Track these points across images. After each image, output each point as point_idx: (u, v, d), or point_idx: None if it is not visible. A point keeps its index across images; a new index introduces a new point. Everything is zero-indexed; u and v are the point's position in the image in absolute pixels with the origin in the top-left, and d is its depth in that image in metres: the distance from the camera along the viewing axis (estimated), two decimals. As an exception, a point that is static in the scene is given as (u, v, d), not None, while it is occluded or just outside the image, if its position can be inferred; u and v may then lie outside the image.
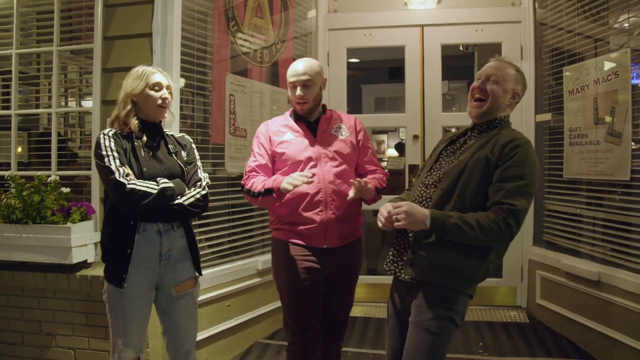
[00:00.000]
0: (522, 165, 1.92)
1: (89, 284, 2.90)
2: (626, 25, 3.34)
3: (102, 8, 3.05)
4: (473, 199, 1.94)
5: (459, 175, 1.97)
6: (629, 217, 3.15)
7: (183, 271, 2.34)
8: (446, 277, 1.94)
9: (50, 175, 3.06)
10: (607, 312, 3.22)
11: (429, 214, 1.89)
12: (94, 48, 3.07)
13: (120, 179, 2.10)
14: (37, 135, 3.73)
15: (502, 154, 1.93)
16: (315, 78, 2.47)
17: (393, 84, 8.10)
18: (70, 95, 3.81)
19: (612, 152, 3.26)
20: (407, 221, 1.88)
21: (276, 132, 2.51)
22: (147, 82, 2.29)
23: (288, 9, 4.07)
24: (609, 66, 3.30)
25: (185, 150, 2.43)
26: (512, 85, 2.06)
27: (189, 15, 3.22)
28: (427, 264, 1.94)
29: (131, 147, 2.24)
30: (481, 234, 1.85)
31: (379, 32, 4.45)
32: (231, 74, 3.50)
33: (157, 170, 2.25)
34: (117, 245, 2.20)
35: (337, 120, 2.59)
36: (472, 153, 2.00)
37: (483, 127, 2.10)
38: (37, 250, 2.89)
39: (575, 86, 3.62)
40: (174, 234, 2.30)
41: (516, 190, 1.88)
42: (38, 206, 2.89)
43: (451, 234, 1.87)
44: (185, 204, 2.22)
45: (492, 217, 1.87)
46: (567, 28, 3.77)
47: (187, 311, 2.37)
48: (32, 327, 3.06)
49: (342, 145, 2.51)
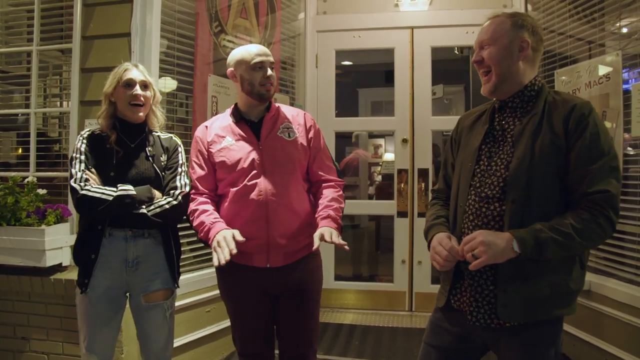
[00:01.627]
0: (598, 138, 1.55)
1: (63, 288, 2.84)
2: (618, 28, 3.26)
3: (81, 7, 3.01)
4: (554, 200, 1.60)
5: (529, 178, 1.60)
6: (621, 225, 3.06)
7: (155, 280, 2.19)
8: (551, 306, 1.60)
9: (27, 176, 3.02)
10: (597, 322, 3.13)
11: (513, 237, 1.53)
12: (73, 48, 3.03)
13: (74, 184, 2.04)
14: (21, 135, 3.68)
15: (569, 131, 1.57)
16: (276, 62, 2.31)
17: (389, 87, 8.05)
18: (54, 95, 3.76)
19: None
20: (489, 254, 1.52)
21: (214, 138, 2.22)
22: (119, 80, 2.19)
23: (275, 11, 4.02)
24: (601, 69, 3.23)
25: (167, 154, 2.28)
26: (510, 36, 1.67)
27: (170, 15, 3.16)
28: (526, 298, 1.59)
29: (106, 149, 2.16)
30: (582, 241, 1.53)
31: (368, 34, 4.39)
32: (214, 75, 3.44)
33: (127, 175, 2.14)
34: (83, 249, 2.14)
35: (284, 119, 2.25)
36: (530, 143, 1.62)
37: (516, 103, 1.72)
38: (11, 253, 2.84)
39: (567, 89, 3.54)
40: (144, 242, 2.16)
41: (603, 171, 1.54)
42: (12, 207, 2.83)
43: (548, 251, 1.52)
44: (149, 214, 2.09)
45: (587, 215, 1.53)
46: (559, 31, 3.70)
47: (156, 324, 2.22)
48: (6, 331, 3.00)
49: (289, 148, 2.19)
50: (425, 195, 4.27)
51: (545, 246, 1.51)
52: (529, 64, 1.70)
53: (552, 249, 1.52)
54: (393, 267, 4.37)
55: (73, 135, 3.01)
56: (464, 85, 7.50)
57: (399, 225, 4.31)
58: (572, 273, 1.61)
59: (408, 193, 4.26)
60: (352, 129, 5.17)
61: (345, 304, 4.37)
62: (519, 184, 1.60)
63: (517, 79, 1.69)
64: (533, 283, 1.59)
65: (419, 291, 4.32)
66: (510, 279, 1.60)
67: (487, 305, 1.66)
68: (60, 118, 3.69)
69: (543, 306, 1.60)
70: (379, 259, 5.80)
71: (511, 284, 1.60)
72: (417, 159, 4.29)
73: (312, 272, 2.27)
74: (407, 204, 4.28)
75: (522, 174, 1.60)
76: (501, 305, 1.61)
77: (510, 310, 1.60)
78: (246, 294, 2.21)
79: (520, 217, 1.59)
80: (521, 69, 1.69)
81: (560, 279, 1.60)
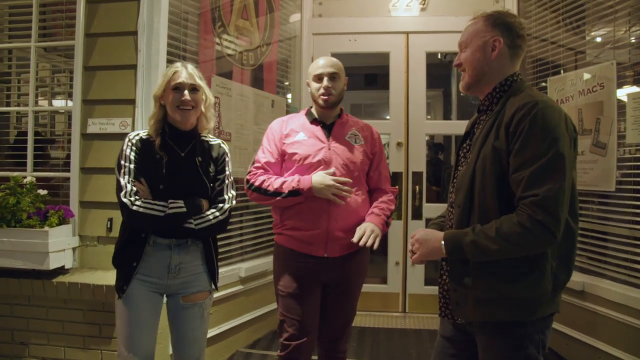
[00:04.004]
0: (534, 138, 1.49)
1: (66, 291, 2.77)
2: (609, 37, 3.39)
3: (84, 3, 2.94)
4: (497, 206, 1.56)
5: (470, 184, 1.61)
6: (615, 227, 3.18)
7: (194, 283, 2.18)
8: (501, 310, 1.57)
9: (26, 176, 2.93)
10: (591, 322, 3.24)
11: (444, 238, 1.59)
12: (75, 45, 2.95)
13: (124, 199, 2.00)
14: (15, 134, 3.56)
15: (510, 134, 1.53)
16: (341, 73, 2.47)
17: (370, 90, 8.10)
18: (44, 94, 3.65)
19: (597, 163, 3.29)
20: (421, 251, 1.63)
21: (290, 130, 2.45)
22: (168, 82, 2.09)
23: (274, 11, 4.01)
24: (594, 78, 3.34)
25: (216, 164, 2.21)
26: (482, 38, 1.67)
27: (175, 14, 3.13)
28: (473, 300, 1.60)
29: (156, 157, 2.09)
30: (508, 245, 1.49)
31: (364, 37, 4.43)
32: (216, 76, 3.41)
33: (177, 188, 2.08)
34: (125, 255, 2.11)
35: (352, 127, 2.51)
36: (478, 148, 1.63)
37: (486, 105, 1.73)
38: (12, 255, 2.76)
39: (560, 97, 3.66)
40: (188, 248, 2.15)
41: (536, 173, 1.47)
42: (13, 209, 2.75)
43: (470, 254, 1.54)
44: (197, 229, 2.08)
45: (516, 219, 1.48)
46: (552, 39, 3.81)
47: (194, 323, 2.20)
48: (4, 336, 2.92)
49: (355, 153, 2.43)
50: (419, 198, 4.33)
51: (466, 249, 1.54)
52: (505, 61, 1.68)
53: (472, 252, 1.53)
54: (387, 269, 4.41)
55: (76, 134, 2.94)
56: (443, 89, 7.65)
57: (392, 228, 4.32)
58: (526, 279, 1.55)
59: (402, 196, 4.31)
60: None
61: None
62: (463, 190, 1.63)
63: (492, 78, 1.69)
64: (478, 285, 1.59)
65: (412, 292, 4.38)
66: (459, 279, 1.64)
67: (448, 302, 1.75)
68: (51, 117, 3.60)
69: (490, 309, 1.59)
70: (370, 260, 5.82)
71: (460, 284, 1.64)
72: (411, 162, 4.35)
73: (361, 265, 2.50)
74: (401, 206, 4.33)
75: (465, 180, 1.63)
76: (454, 303, 1.68)
77: (462, 309, 1.66)
78: (302, 280, 2.38)
79: (466, 222, 1.61)
80: (495, 68, 1.68)
81: (506, 285, 1.56)
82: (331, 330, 2.51)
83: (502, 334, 1.60)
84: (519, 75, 1.71)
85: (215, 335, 3.35)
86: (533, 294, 1.56)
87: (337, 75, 2.44)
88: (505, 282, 1.56)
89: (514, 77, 1.69)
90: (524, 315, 1.57)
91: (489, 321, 1.61)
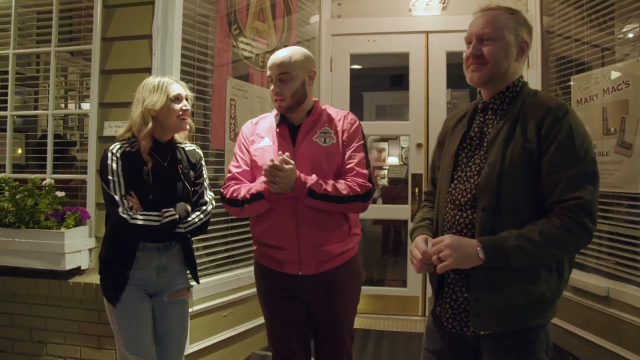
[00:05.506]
0: (572, 142, 1.50)
1: (82, 291, 2.82)
2: (636, 34, 3.26)
3: (101, 8, 2.99)
4: (526, 208, 1.54)
5: (498, 186, 1.55)
6: (633, 230, 3.06)
7: (178, 281, 2.31)
8: (526, 316, 1.55)
9: (45, 178, 2.99)
10: (615, 328, 3.12)
11: (479, 243, 1.50)
12: (92, 49, 3.01)
13: (122, 214, 2.06)
14: (35, 137, 3.65)
15: (542, 137, 1.52)
16: (294, 71, 2.11)
17: (395, 91, 8.03)
18: (70, 97, 3.74)
19: (622, 164, 3.17)
20: (453, 258, 1.49)
21: (255, 136, 2.23)
22: (167, 95, 2.17)
23: (291, 13, 4.00)
24: (619, 76, 3.22)
25: (194, 170, 2.34)
26: (513, 33, 1.62)
27: (190, 18, 3.15)
28: (498, 309, 1.54)
29: (139, 168, 2.15)
30: (552, 248, 1.48)
31: (383, 38, 4.38)
32: (232, 78, 3.42)
33: (165, 197, 2.19)
34: (116, 264, 2.17)
35: (325, 123, 2.19)
36: (502, 149, 1.57)
37: (497, 104, 1.67)
38: (29, 256, 2.82)
39: (584, 96, 3.54)
40: (172, 249, 2.27)
41: (576, 177, 1.48)
42: (31, 210, 2.82)
43: (515, 260, 1.47)
44: (185, 232, 2.20)
45: (558, 222, 1.47)
46: (575, 37, 3.69)
47: (179, 318, 2.31)
48: (22, 334, 2.99)
49: (323, 155, 2.12)
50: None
51: (510, 254, 1.47)
52: (522, 64, 1.68)
53: (517, 257, 1.47)
54: (407, 272, 4.34)
55: (93, 137, 2.99)
56: (469, 90, 7.52)
57: (412, 230, 4.30)
58: (548, 282, 1.55)
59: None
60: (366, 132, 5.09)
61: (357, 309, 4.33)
62: (489, 191, 1.55)
63: (507, 78, 1.65)
64: (505, 292, 1.54)
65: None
66: (482, 288, 1.55)
67: (462, 313, 1.63)
68: (64, 120, 3.68)
69: (516, 316, 1.55)
70: (387, 263, 5.78)
71: (483, 293, 1.55)
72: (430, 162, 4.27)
73: (346, 280, 2.22)
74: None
75: (492, 181, 1.55)
76: (474, 314, 1.57)
77: (482, 320, 1.57)
78: (279, 299, 2.21)
79: (490, 226, 1.55)
80: (512, 69, 1.65)
81: (533, 288, 1.53)
82: (326, 351, 2.28)
83: (516, 340, 1.57)
84: (522, 79, 1.70)
85: (231, 337, 3.37)
86: (554, 295, 1.57)
87: (288, 75, 2.11)
88: (531, 286, 1.53)
89: (522, 78, 1.68)
90: (547, 317, 1.58)
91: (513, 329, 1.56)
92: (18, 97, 3.54)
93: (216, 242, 3.36)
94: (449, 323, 1.67)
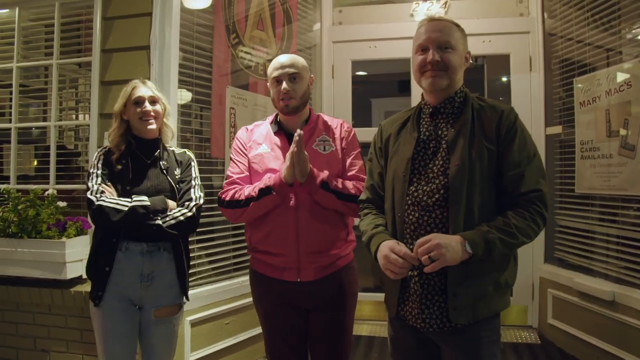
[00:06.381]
0: (525, 142, 1.67)
1: (83, 300, 2.84)
2: (638, 35, 3.23)
3: (100, 21, 3.04)
4: (492, 203, 1.66)
5: (469, 184, 1.63)
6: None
7: (167, 296, 2.23)
8: (495, 303, 1.68)
9: (48, 189, 3.03)
10: (622, 333, 3.07)
11: (463, 239, 1.55)
12: (92, 61, 3.05)
13: (90, 196, 2.10)
14: (43, 148, 3.71)
15: (501, 137, 1.66)
16: (303, 72, 2.17)
17: (402, 97, 8.01)
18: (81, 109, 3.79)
19: (626, 166, 3.13)
20: (447, 256, 1.51)
21: (252, 142, 2.24)
22: (127, 98, 2.25)
23: (292, 22, 4.03)
24: (622, 77, 3.19)
25: (181, 168, 2.33)
26: (462, 44, 1.75)
27: (188, 28, 3.19)
28: (475, 298, 1.63)
29: (123, 164, 2.21)
30: (524, 238, 1.60)
31: (384, 44, 4.38)
32: (232, 86, 3.45)
33: (143, 188, 2.19)
34: (97, 261, 2.17)
35: (322, 131, 2.22)
36: (466, 150, 1.65)
37: (447, 109, 1.74)
38: (32, 265, 2.85)
39: (587, 98, 3.51)
40: (160, 256, 2.20)
41: (534, 171, 1.65)
42: (33, 220, 2.85)
43: (497, 251, 1.57)
44: (164, 225, 2.12)
45: (526, 214, 1.60)
46: (577, 38, 3.66)
47: (163, 337, 2.25)
48: (26, 343, 3.01)
49: (323, 163, 2.13)
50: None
51: (493, 246, 1.56)
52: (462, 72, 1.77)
53: (499, 248, 1.57)
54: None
55: (93, 147, 3.03)
56: (478, 93, 7.47)
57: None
58: (510, 269, 1.70)
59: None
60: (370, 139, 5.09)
61: (362, 315, 4.29)
62: (460, 190, 1.63)
63: (457, 85, 1.75)
64: (479, 283, 1.64)
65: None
66: (460, 282, 1.62)
67: (437, 310, 1.67)
68: (76, 131, 3.73)
69: (488, 304, 1.66)
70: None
71: (460, 287, 1.62)
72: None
73: (345, 286, 2.21)
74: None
75: (461, 181, 1.63)
76: (452, 308, 1.63)
77: (460, 312, 1.63)
78: (277, 307, 2.19)
79: (462, 223, 1.62)
80: (461, 77, 1.76)
81: (500, 276, 1.67)
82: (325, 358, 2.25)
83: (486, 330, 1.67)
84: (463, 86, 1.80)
85: (232, 345, 3.37)
86: (514, 280, 1.74)
87: (299, 75, 2.15)
88: (499, 274, 1.66)
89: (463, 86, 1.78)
90: (508, 302, 1.74)
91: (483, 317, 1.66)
92: (32, 109, 3.63)
93: (218, 249, 3.38)
94: (425, 323, 1.68)
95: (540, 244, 4.02)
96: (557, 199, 3.90)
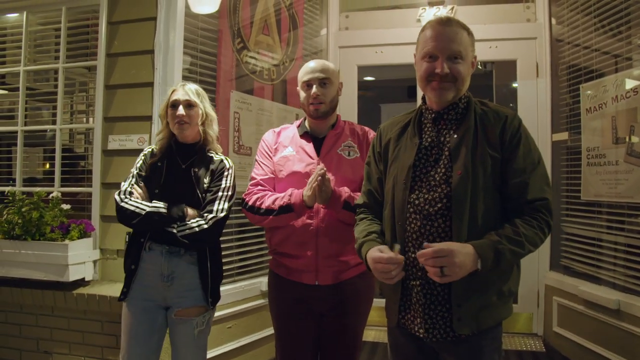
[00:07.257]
0: (529, 146, 1.62)
1: (85, 302, 2.86)
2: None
3: (106, 25, 3.07)
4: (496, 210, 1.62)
5: (472, 192, 1.58)
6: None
7: (188, 297, 2.19)
8: (499, 311, 1.65)
9: (52, 191, 3.06)
10: (627, 342, 3.02)
11: (477, 254, 1.49)
12: (97, 65, 3.08)
13: (116, 196, 2.17)
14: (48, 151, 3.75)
15: (505, 142, 1.61)
16: (333, 78, 2.22)
17: (412, 102, 7.99)
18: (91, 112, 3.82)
19: (632, 173, 3.09)
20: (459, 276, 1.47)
21: (279, 144, 2.28)
22: (167, 101, 2.26)
23: (297, 27, 4.03)
24: (629, 83, 3.16)
25: (212, 176, 2.24)
26: (471, 50, 1.67)
27: (192, 32, 3.20)
28: (479, 307, 1.60)
29: (158, 167, 2.25)
30: (531, 247, 1.56)
31: (390, 49, 4.37)
32: (236, 91, 3.46)
33: (168, 194, 2.19)
34: (127, 259, 2.23)
35: (347, 137, 2.25)
36: (470, 157, 1.60)
37: (451, 115, 1.69)
38: (35, 267, 2.87)
39: (593, 104, 3.48)
40: (180, 258, 2.17)
41: (539, 179, 1.60)
42: (37, 222, 2.88)
43: (505, 263, 1.54)
44: (178, 235, 2.09)
45: (534, 222, 1.56)
46: (584, 44, 3.63)
47: (184, 338, 2.21)
48: (29, 345, 3.04)
49: (347, 168, 2.18)
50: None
51: (502, 257, 1.52)
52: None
53: (507, 259, 1.53)
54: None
55: (97, 151, 3.05)
56: (488, 99, 7.43)
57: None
58: (513, 278, 1.67)
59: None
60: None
61: (369, 321, 4.27)
62: (464, 200, 1.57)
63: (461, 94, 1.69)
64: (484, 293, 1.60)
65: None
66: (464, 293, 1.58)
67: (441, 320, 1.63)
68: (85, 134, 3.76)
69: (492, 313, 1.63)
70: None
71: (465, 298, 1.58)
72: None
73: (360, 291, 2.22)
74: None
75: (465, 190, 1.57)
76: (456, 319, 1.59)
77: (464, 323, 1.59)
78: (291, 309, 2.21)
79: (466, 232, 1.57)
80: (466, 85, 1.69)
81: (504, 285, 1.64)
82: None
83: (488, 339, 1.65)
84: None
85: (234, 349, 3.36)
86: (517, 288, 1.70)
87: (329, 80, 2.19)
88: (503, 284, 1.63)
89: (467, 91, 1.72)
90: (511, 310, 1.70)
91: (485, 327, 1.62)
92: (45, 112, 3.69)
93: (223, 253, 3.36)
94: (429, 333, 1.64)
95: (545, 251, 3.98)
96: (563, 206, 3.87)
